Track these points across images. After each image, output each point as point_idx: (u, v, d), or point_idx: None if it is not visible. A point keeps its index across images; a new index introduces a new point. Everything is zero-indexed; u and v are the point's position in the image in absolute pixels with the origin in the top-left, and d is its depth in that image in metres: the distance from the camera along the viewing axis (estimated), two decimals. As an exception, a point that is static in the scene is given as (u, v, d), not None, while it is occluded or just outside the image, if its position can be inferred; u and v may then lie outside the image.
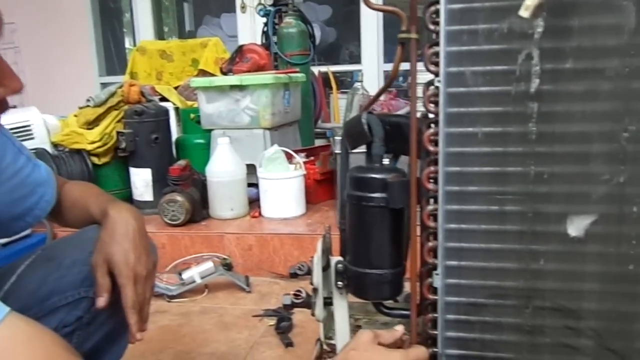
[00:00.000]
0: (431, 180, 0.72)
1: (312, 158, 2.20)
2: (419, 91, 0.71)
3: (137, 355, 1.29)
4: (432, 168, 0.71)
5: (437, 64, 0.68)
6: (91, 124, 2.05)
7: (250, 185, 2.10)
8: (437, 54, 0.68)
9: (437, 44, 0.67)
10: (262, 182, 1.97)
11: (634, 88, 0.63)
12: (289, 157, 2.02)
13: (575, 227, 0.68)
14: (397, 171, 0.77)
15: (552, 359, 0.72)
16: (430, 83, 0.70)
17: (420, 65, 0.70)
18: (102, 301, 0.76)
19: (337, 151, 1.80)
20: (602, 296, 0.69)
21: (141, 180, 2.09)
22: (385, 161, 0.79)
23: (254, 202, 2.10)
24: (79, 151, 2.04)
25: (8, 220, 0.85)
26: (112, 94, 2.07)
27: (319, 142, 2.63)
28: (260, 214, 2.01)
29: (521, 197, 0.69)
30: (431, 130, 0.70)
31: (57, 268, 0.82)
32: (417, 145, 0.72)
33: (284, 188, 1.95)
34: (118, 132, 2.05)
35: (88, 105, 2.08)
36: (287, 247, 1.80)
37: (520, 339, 0.72)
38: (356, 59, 3.41)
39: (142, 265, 0.77)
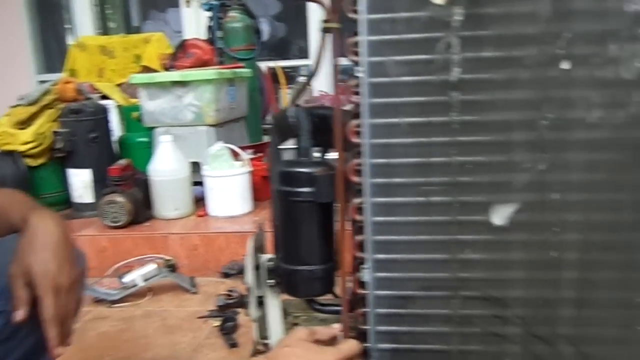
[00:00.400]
0: (357, 173, 0.70)
1: (259, 154, 2.17)
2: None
3: (72, 364, 1.24)
4: (357, 160, 0.70)
5: (358, 54, 0.66)
6: (24, 124, 1.95)
7: (195, 183, 2.05)
8: (357, 44, 0.66)
9: (357, 33, 0.66)
10: (207, 180, 1.93)
11: (551, 76, 0.64)
12: (235, 154, 1.98)
13: (499, 216, 0.68)
14: (324, 165, 0.75)
15: (481, 348, 0.72)
16: (353, 74, 0.68)
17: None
18: (19, 315, 0.71)
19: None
20: (528, 284, 0.69)
21: (80, 181, 2.01)
22: (316, 155, 0.77)
23: (200, 201, 2.05)
24: (11, 152, 1.94)
25: None
26: (46, 92, 1.98)
27: (267, 139, 2.60)
28: (206, 213, 1.96)
29: (446, 188, 0.68)
30: (355, 122, 0.69)
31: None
32: (342, 137, 0.71)
33: (230, 185, 1.91)
34: (54, 132, 1.95)
35: (20, 104, 1.98)
36: (234, 246, 1.77)
37: (450, 329, 0.72)
38: (305, 54, 3.39)
39: (64, 276, 0.72)
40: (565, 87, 0.64)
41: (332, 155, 0.78)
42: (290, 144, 0.83)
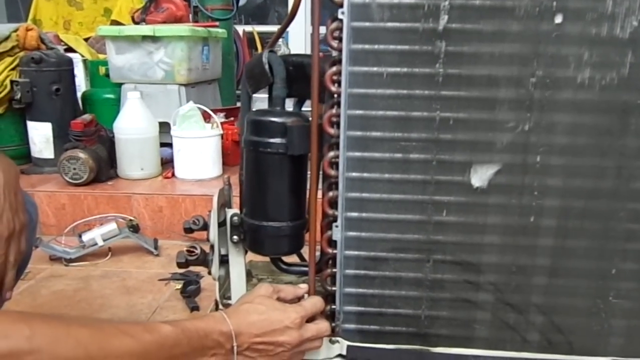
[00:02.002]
0: (333, 125, 0.66)
1: (231, 119, 2.10)
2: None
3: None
4: (334, 111, 0.65)
5: (340, -6, 0.62)
6: (-20, 71, 1.84)
7: (164, 145, 1.98)
8: (340, -18, 0.61)
9: (340, -30, 0.61)
10: (176, 140, 1.86)
11: (543, 30, 0.60)
12: (206, 117, 1.91)
13: (479, 177, 0.65)
14: (298, 115, 0.71)
15: (451, 314, 0.69)
16: (334, 17, 0.63)
17: None
18: None
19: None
20: (503, 249, 0.67)
21: (40, 135, 1.91)
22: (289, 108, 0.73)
23: (167, 164, 1.98)
24: (-34, 101, 1.83)
25: None
26: (6, 38, 1.85)
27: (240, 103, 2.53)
28: (173, 175, 1.89)
29: (426, 144, 0.65)
30: (333, 69, 0.64)
31: None
32: (318, 86, 0.66)
33: (199, 148, 1.85)
34: (12, 82, 1.84)
35: (-23, 50, 1.85)
36: (200, 209, 1.71)
37: (420, 294, 0.69)
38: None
39: (2, 225, 0.66)
40: (557, 43, 0.60)
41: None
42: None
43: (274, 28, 3.38)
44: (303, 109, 0.79)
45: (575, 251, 0.66)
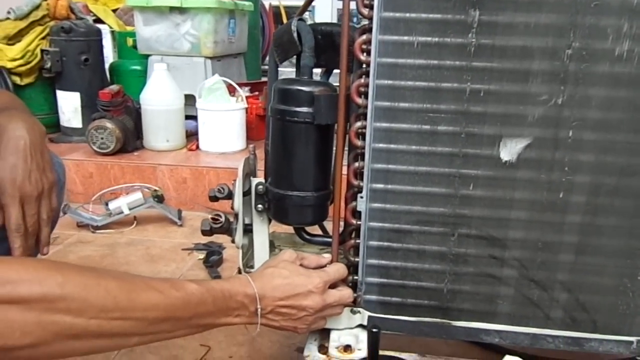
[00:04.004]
0: (361, 95, 0.66)
1: (256, 93, 2.10)
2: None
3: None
4: (362, 81, 0.65)
5: (373, -40, 0.60)
6: (12, 39, 1.86)
7: (189, 117, 1.99)
8: (373, -52, 0.60)
9: None
10: (201, 113, 1.87)
11: (581, 0, 0.58)
12: (231, 90, 1.91)
13: (508, 151, 0.64)
14: (326, 85, 0.70)
15: (474, 288, 0.69)
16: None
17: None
18: None
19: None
20: (529, 225, 0.66)
21: (69, 104, 1.93)
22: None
23: (192, 136, 2.00)
24: (-2, 69, 1.86)
25: None
26: (37, 7, 1.87)
27: (266, 80, 2.52)
28: (197, 147, 1.91)
29: (455, 116, 0.64)
30: (363, 38, 0.63)
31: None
32: (348, 54, 0.65)
33: (224, 120, 1.85)
34: (42, 50, 1.87)
35: (8, 18, 1.88)
36: (223, 182, 1.72)
37: (443, 267, 0.69)
38: (311, -5, 3.26)
39: (32, 184, 0.67)
40: (596, 13, 0.58)
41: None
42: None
43: (300, 2, 3.34)
44: (330, 80, 0.78)
45: (604, 229, 0.65)
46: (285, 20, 2.84)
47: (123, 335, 0.54)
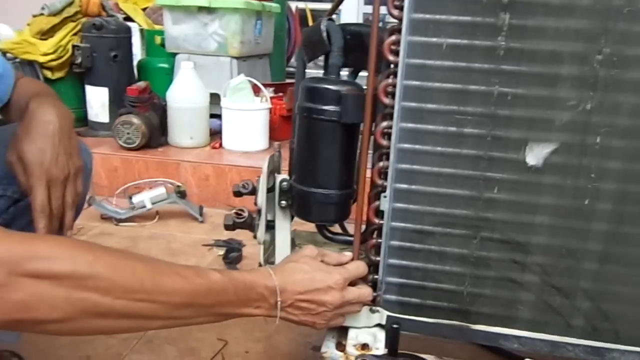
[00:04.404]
0: (388, 95, 0.66)
1: (280, 94, 2.11)
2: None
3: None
4: (390, 80, 0.65)
5: (404, -39, 0.61)
6: (45, 35, 1.91)
7: (213, 116, 2.02)
8: (405, -51, 0.61)
9: (406, -63, 0.60)
10: (225, 112, 1.89)
11: (615, 4, 0.58)
12: (256, 90, 1.93)
13: (534, 155, 0.64)
14: (353, 84, 0.71)
15: (494, 292, 0.69)
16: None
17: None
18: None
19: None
20: (553, 231, 0.66)
21: (97, 99, 1.98)
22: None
23: (215, 134, 2.02)
24: (30, 62, 1.91)
25: None
26: (70, 4, 1.92)
27: (290, 81, 2.54)
28: (221, 145, 1.93)
29: (481, 119, 0.64)
30: (392, 38, 0.64)
31: (-24, 163, 0.74)
32: (376, 55, 0.66)
33: (248, 120, 1.87)
34: (74, 46, 1.91)
35: (42, 14, 1.93)
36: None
37: (464, 270, 0.69)
38: (337, -1, 3.27)
39: (58, 168, 0.69)
40: (628, 19, 0.58)
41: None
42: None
43: (326, 6, 3.37)
44: (357, 80, 0.79)
45: (629, 237, 0.64)
46: (311, 23, 2.86)
47: (146, 318, 0.55)
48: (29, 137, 0.68)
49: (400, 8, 0.63)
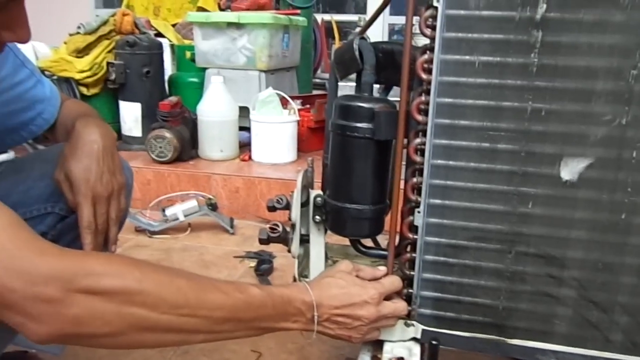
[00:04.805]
0: (421, 112, 0.67)
1: (307, 106, 2.14)
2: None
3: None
4: (423, 98, 0.66)
5: (437, -19, 0.62)
6: (81, 52, 1.98)
7: (242, 129, 2.05)
8: (437, -30, 0.62)
9: (438, -42, 0.62)
10: (254, 125, 1.92)
11: (649, 20, 0.58)
12: (284, 102, 1.96)
13: (569, 170, 0.64)
14: (386, 102, 0.72)
15: (530, 307, 0.69)
16: (429, 5, 0.64)
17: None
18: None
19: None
20: (589, 245, 0.66)
21: (130, 114, 2.03)
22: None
23: (244, 147, 2.06)
24: (67, 80, 1.98)
25: (1, 132, 0.81)
26: (104, 22, 1.99)
27: (317, 93, 2.56)
28: (250, 158, 1.96)
29: (515, 135, 0.64)
30: (425, 57, 0.65)
31: (25, 180, 0.78)
32: (409, 73, 0.67)
33: (276, 132, 1.90)
34: (108, 63, 1.97)
35: (78, 33, 2.00)
36: (275, 192, 1.76)
37: (499, 284, 0.69)
38: (362, 10, 3.30)
39: (103, 185, 0.72)
40: (663, 34, 0.58)
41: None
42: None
43: (353, 17, 3.39)
44: (389, 97, 0.80)
45: (668, 252, 0.64)
46: (337, 35, 2.89)
47: (189, 332, 0.57)
48: (75, 157, 0.71)
49: (433, 27, 0.64)
